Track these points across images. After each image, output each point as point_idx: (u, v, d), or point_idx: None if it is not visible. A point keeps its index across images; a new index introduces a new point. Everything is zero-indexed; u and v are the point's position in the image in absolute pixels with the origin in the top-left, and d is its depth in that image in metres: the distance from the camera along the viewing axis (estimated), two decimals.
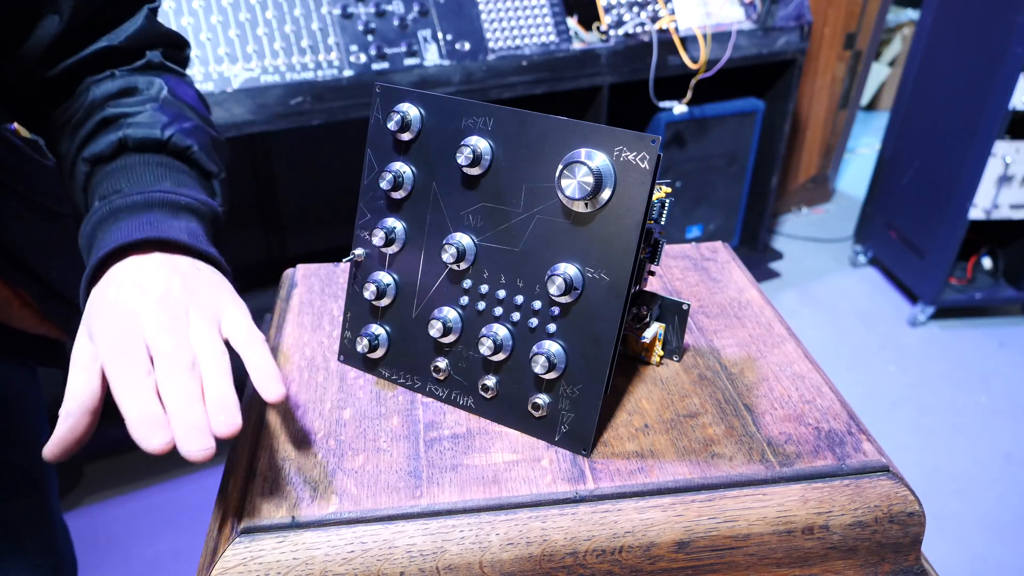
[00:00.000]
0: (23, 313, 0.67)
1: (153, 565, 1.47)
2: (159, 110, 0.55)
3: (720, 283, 0.67)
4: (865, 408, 1.88)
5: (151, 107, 0.55)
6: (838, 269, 2.54)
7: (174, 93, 0.58)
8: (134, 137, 0.53)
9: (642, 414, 0.51)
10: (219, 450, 0.37)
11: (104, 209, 0.49)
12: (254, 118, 1.41)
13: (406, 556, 0.43)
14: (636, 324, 0.56)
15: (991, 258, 2.28)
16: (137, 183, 0.51)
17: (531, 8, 1.65)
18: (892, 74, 3.63)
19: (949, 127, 2.10)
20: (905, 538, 0.47)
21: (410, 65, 1.52)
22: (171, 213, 0.50)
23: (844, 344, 2.18)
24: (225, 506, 0.45)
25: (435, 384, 0.53)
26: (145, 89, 0.57)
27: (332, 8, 1.48)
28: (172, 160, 0.55)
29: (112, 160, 0.53)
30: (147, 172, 0.52)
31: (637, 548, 0.44)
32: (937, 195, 2.14)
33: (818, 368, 0.56)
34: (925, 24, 2.19)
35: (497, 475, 0.46)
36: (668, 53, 1.78)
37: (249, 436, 0.50)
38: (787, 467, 0.47)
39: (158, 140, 0.54)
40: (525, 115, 0.47)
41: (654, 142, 0.43)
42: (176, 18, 1.37)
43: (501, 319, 0.49)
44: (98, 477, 1.64)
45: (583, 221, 0.46)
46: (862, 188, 2.65)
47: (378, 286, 0.52)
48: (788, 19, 1.93)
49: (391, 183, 0.50)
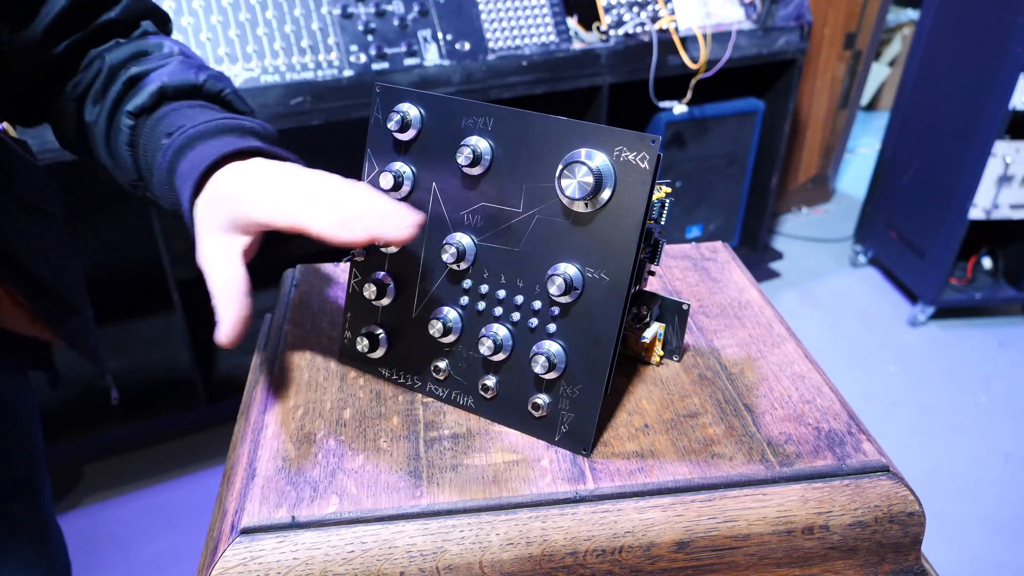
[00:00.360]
0: (13, 313, 0.67)
1: (153, 565, 1.47)
2: (184, 62, 0.58)
3: (720, 283, 0.67)
4: (865, 408, 1.88)
5: (176, 59, 0.58)
6: (838, 269, 2.54)
7: (184, 51, 0.60)
8: (171, 84, 0.56)
9: (642, 414, 0.51)
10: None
11: (179, 139, 0.52)
12: None
13: (406, 556, 0.43)
14: (636, 324, 0.56)
15: (991, 258, 2.28)
16: (194, 119, 0.53)
17: (531, 8, 1.65)
18: (892, 74, 3.63)
19: (949, 127, 2.10)
20: (905, 538, 0.47)
21: (410, 65, 1.52)
22: (241, 135, 0.53)
23: (844, 344, 2.18)
24: (225, 506, 0.45)
25: (435, 384, 0.53)
26: (157, 49, 0.59)
27: (332, 8, 1.48)
28: (209, 103, 0.57)
29: (155, 109, 0.55)
30: (198, 111, 0.55)
31: (637, 548, 0.44)
32: (937, 195, 2.15)
33: (818, 368, 0.56)
34: (925, 24, 2.19)
35: (497, 475, 0.46)
36: (668, 53, 1.78)
37: (249, 436, 0.50)
38: (787, 467, 0.47)
39: (194, 84, 0.56)
40: (525, 115, 0.47)
41: (654, 142, 0.43)
42: (176, 18, 1.37)
43: (501, 319, 0.49)
44: (98, 477, 1.64)
45: (583, 221, 0.46)
46: (862, 188, 2.66)
47: (378, 286, 0.52)
48: (788, 19, 1.93)
49: (391, 183, 0.50)
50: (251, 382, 0.56)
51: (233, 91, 0.59)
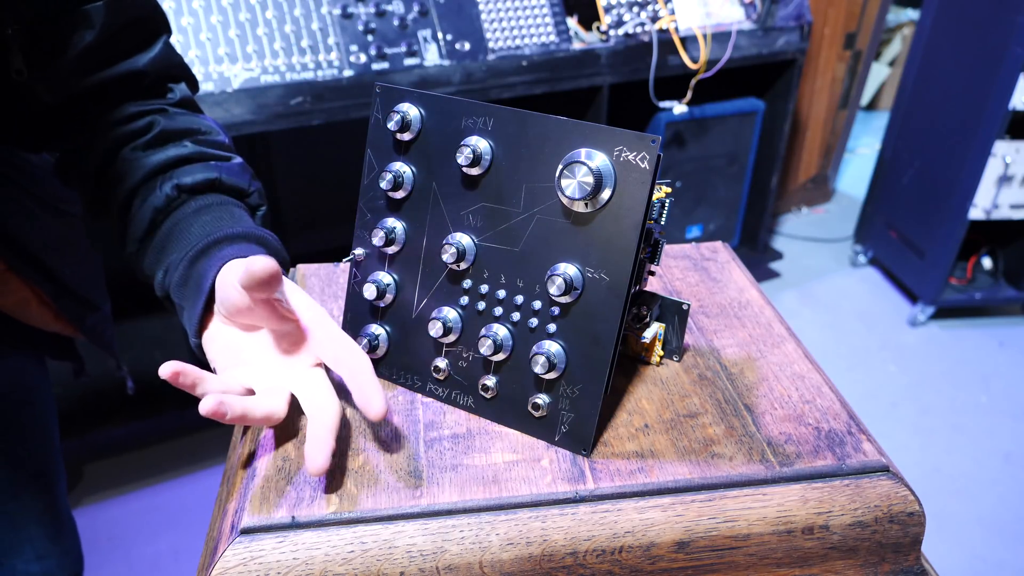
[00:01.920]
0: (40, 311, 0.70)
1: (153, 565, 1.47)
2: (243, 166, 0.61)
3: (720, 283, 0.67)
4: (865, 408, 1.88)
5: (236, 160, 0.61)
6: (838, 269, 2.54)
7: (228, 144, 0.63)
8: (227, 182, 0.58)
9: (642, 414, 0.51)
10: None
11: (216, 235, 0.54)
12: (254, 118, 1.41)
13: (406, 556, 0.43)
14: (636, 324, 0.56)
15: (991, 258, 2.28)
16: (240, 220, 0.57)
17: (531, 8, 1.65)
18: (892, 74, 3.63)
19: (949, 127, 2.10)
20: (905, 538, 0.47)
21: (410, 65, 1.52)
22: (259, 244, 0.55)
23: (844, 344, 2.18)
24: (225, 506, 0.45)
25: (435, 384, 0.53)
26: (207, 132, 0.62)
27: (332, 8, 1.48)
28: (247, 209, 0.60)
29: (201, 194, 0.57)
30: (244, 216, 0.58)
31: (637, 548, 0.44)
32: (937, 195, 2.15)
33: (818, 368, 0.56)
34: (925, 24, 2.19)
35: (497, 475, 0.46)
36: (668, 53, 1.78)
37: (249, 436, 0.50)
38: (787, 467, 0.47)
39: (243, 190, 0.59)
40: (525, 115, 0.47)
41: (654, 142, 0.43)
42: (176, 18, 1.37)
43: (501, 319, 0.49)
44: (98, 477, 1.64)
45: (583, 221, 0.46)
46: (862, 188, 2.65)
47: (378, 286, 0.52)
48: (788, 19, 1.93)
49: (391, 183, 0.50)
50: None
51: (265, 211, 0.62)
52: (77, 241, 0.73)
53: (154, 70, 0.61)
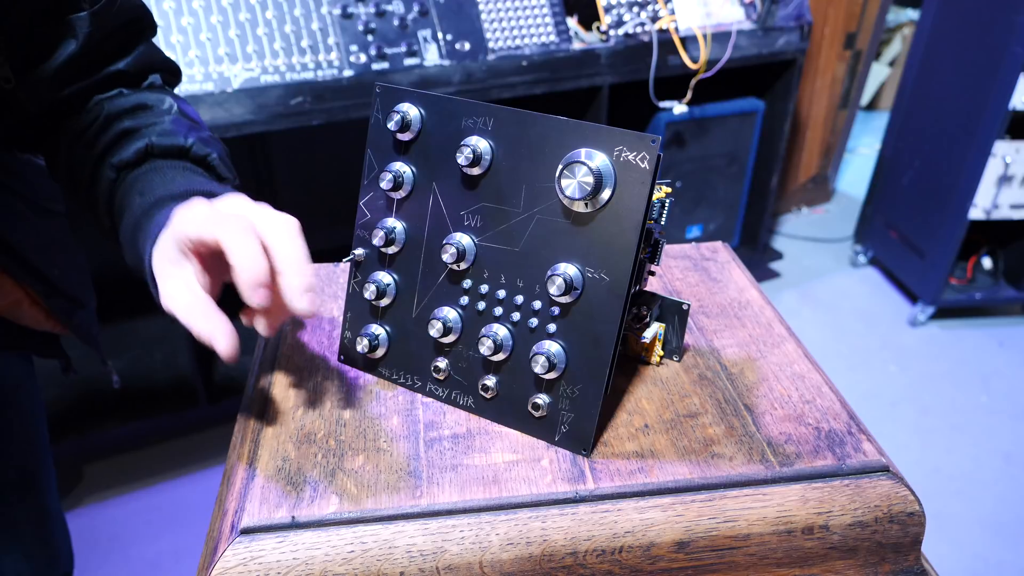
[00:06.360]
0: (32, 311, 0.70)
1: (153, 565, 1.47)
2: (176, 121, 0.58)
3: (720, 283, 0.67)
4: (865, 408, 1.88)
5: (169, 118, 0.58)
6: (838, 269, 2.54)
7: (182, 109, 0.61)
8: (159, 144, 0.56)
9: (642, 414, 0.51)
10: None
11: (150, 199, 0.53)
12: (254, 118, 1.41)
13: (406, 556, 0.43)
14: (636, 324, 0.56)
15: (991, 258, 2.27)
16: (171, 183, 0.54)
17: (531, 8, 1.64)
18: (892, 74, 3.63)
19: (949, 127, 2.10)
20: (905, 538, 0.47)
21: (410, 65, 1.52)
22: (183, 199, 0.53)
23: (844, 344, 2.18)
24: (225, 506, 0.45)
25: (435, 384, 0.53)
26: (157, 105, 0.60)
27: (332, 8, 1.48)
28: (194, 165, 0.58)
29: (139, 165, 0.56)
30: (177, 175, 0.55)
31: (637, 548, 0.44)
32: (937, 195, 2.14)
33: (818, 368, 0.56)
34: (925, 24, 2.19)
35: (497, 475, 0.46)
36: (668, 53, 1.78)
37: (249, 436, 0.50)
38: (787, 467, 0.47)
39: (181, 147, 0.57)
40: (525, 115, 0.47)
41: (654, 142, 0.43)
42: (176, 18, 1.37)
43: (501, 319, 0.49)
44: (98, 477, 1.64)
45: (583, 221, 0.46)
46: (862, 188, 2.65)
47: (378, 286, 0.52)
48: (788, 19, 1.93)
49: (391, 183, 0.50)
50: (251, 382, 0.56)
51: (219, 156, 0.59)
52: (64, 240, 0.73)
53: (135, 69, 0.61)
